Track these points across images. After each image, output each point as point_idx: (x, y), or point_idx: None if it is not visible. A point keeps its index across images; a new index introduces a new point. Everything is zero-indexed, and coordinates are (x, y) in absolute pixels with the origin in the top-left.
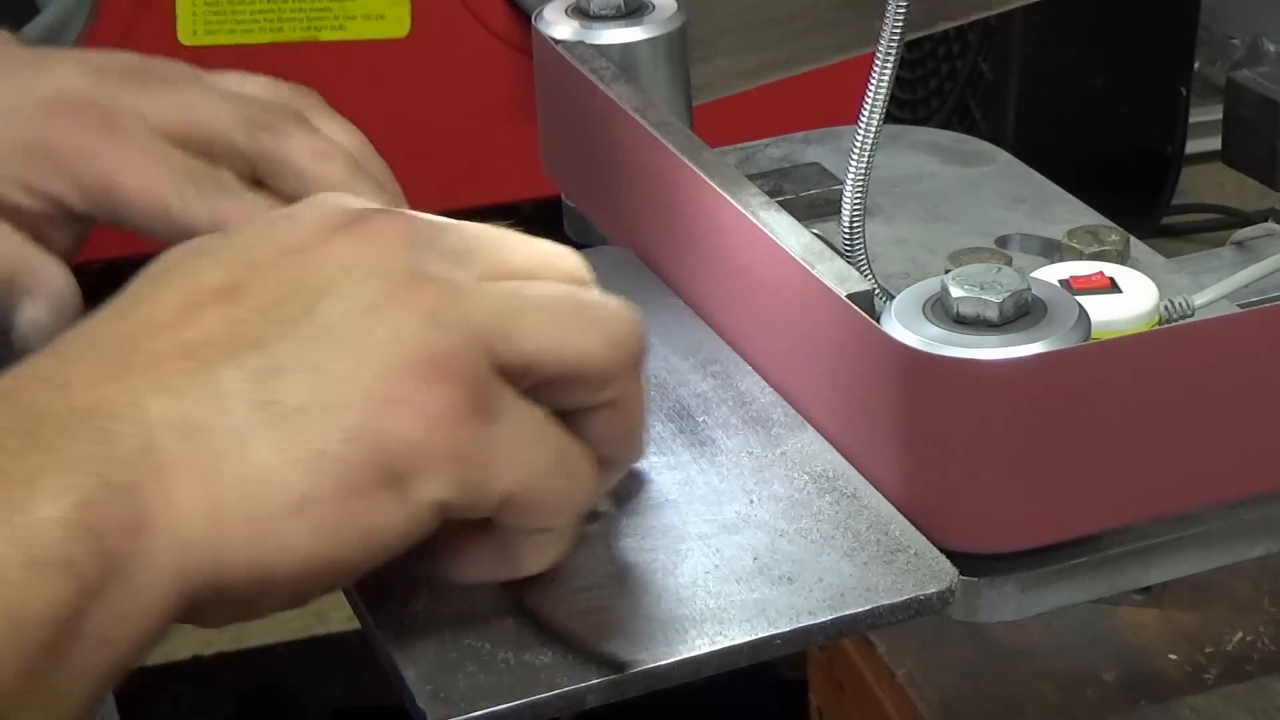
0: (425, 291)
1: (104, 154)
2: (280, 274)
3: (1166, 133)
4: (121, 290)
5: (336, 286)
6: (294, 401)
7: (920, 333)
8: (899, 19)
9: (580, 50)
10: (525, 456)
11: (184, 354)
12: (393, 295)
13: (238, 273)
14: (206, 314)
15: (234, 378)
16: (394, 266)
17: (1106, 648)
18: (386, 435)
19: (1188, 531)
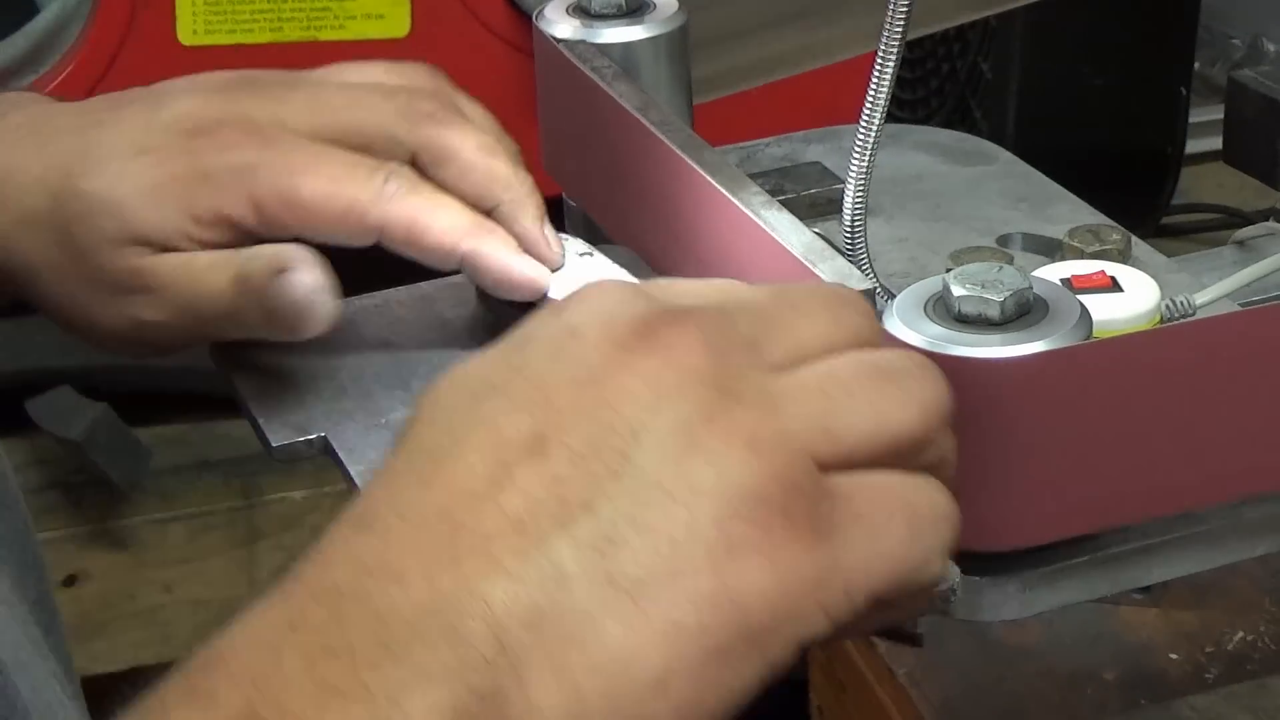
0: (738, 413)
1: (268, 165)
2: (585, 414)
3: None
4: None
5: (648, 424)
6: (636, 571)
7: (922, 332)
8: (900, 19)
9: (581, 49)
10: (878, 548)
11: (512, 529)
12: (707, 425)
13: (539, 417)
14: (520, 475)
15: (569, 552)
16: (700, 388)
17: (1107, 647)
18: (737, 592)
19: (1188, 531)
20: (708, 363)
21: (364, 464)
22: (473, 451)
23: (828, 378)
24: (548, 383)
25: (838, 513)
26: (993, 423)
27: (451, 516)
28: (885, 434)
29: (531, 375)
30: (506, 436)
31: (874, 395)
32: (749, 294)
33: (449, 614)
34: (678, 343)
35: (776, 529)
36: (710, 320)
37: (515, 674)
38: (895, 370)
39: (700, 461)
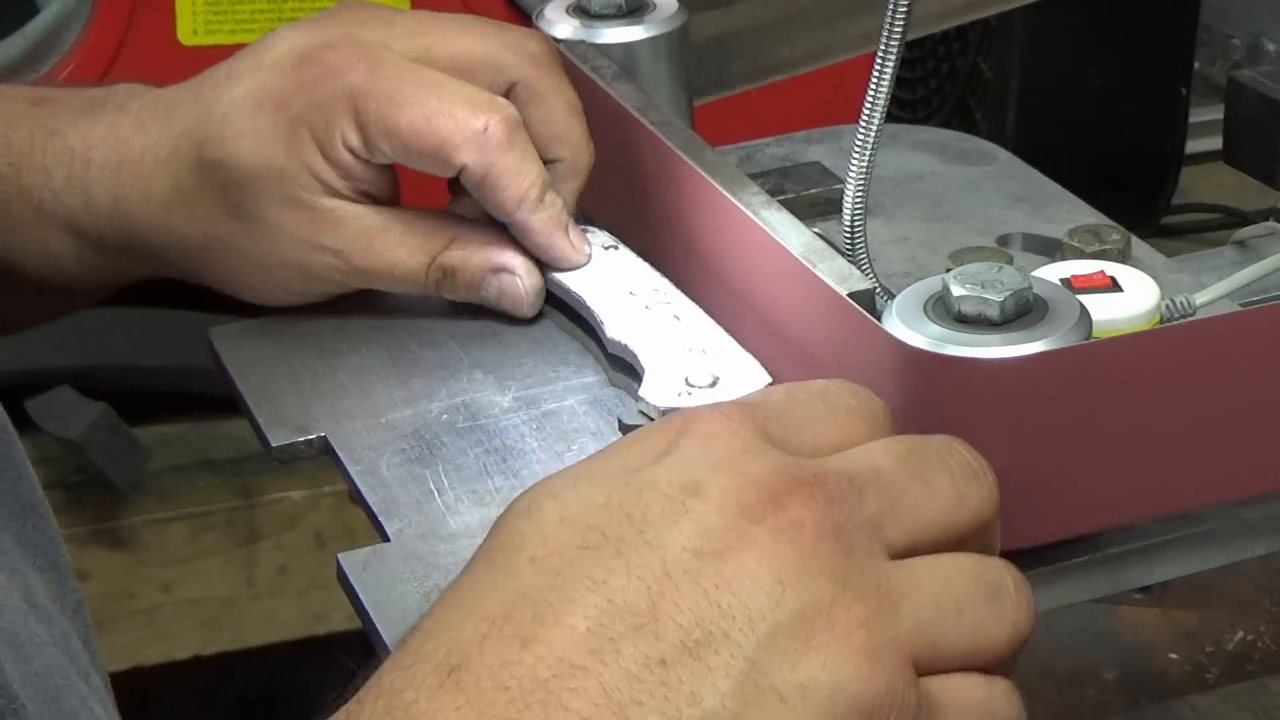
0: (857, 612)
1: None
2: (701, 593)
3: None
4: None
5: (766, 615)
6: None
7: (922, 331)
8: (900, 19)
9: (581, 49)
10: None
11: (613, 714)
12: (827, 624)
13: (651, 585)
14: (626, 651)
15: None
16: (821, 579)
17: (1107, 647)
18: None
19: (1188, 531)
20: (833, 548)
21: (363, 464)
22: (579, 614)
23: (941, 586)
24: (666, 547)
25: None
26: (992, 423)
27: (548, 690)
28: (976, 654)
29: (650, 536)
30: (617, 604)
31: (979, 615)
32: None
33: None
34: (807, 520)
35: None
36: (839, 494)
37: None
38: (1001, 589)
39: (815, 664)
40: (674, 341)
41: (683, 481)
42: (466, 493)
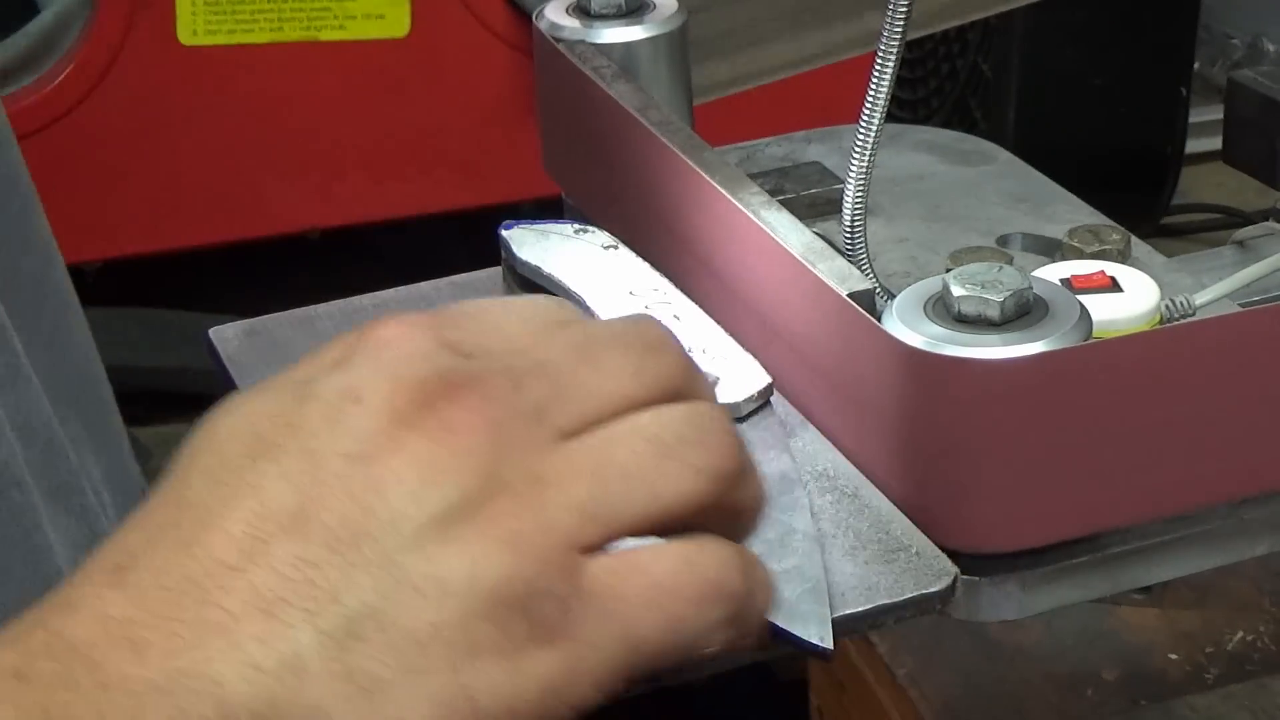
0: (502, 504)
1: None
2: (349, 497)
3: (1166, 133)
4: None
5: (409, 514)
6: (375, 668)
7: (921, 332)
8: (899, 19)
9: (581, 49)
10: (633, 641)
11: (261, 612)
12: (469, 518)
13: (305, 491)
14: (276, 552)
15: (311, 642)
16: (468, 476)
17: (1106, 647)
18: (475, 693)
19: (1188, 531)
20: (483, 444)
21: None
22: (234, 518)
23: (604, 457)
24: (320, 453)
25: (589, 612)
26: (992, 423)
27: (202, 589)
28: (660, 510)
29: (306, 440)
30: (270, 508)
31: (651, 474)
32: (549, 343)
33: (180, 695)
34: (457, 422)
35: (518, 632)
36: (496, 391)
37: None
38: (677, 439)
39: (452, 556)
40: None
41: (345, 388)
42: None
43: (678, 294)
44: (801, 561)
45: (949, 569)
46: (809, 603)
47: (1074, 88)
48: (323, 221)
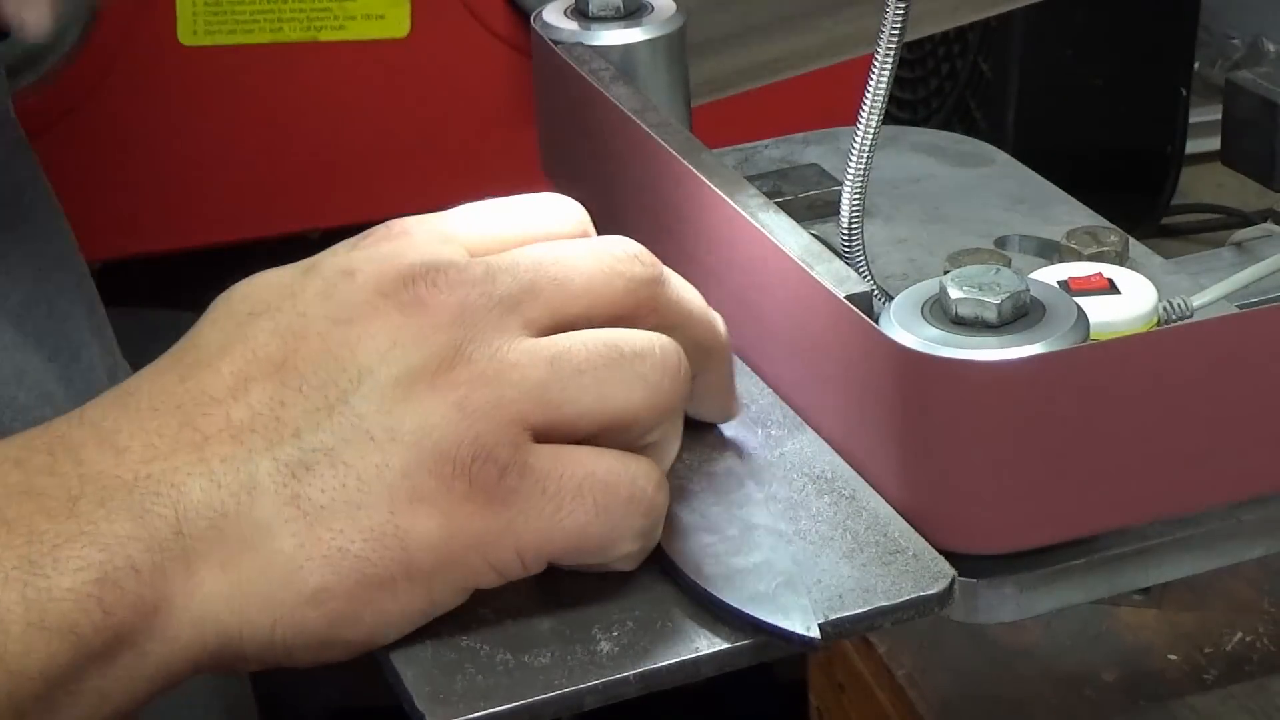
0: (460, 373)
1: None
2: (328, 352)
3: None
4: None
5: (375, 370)
6: (320, 499)
7: (919, 334)
8: (897, 20)
9: (579, 51)
10: (559, 522)
11: (230, 437)
12: (427, 380)
13: (289, 343)
14: (255, 391)
15: (268, 469)
16: (434, 346)
17: (1106, 648)
18: (408, 535)
19: (1188, 532)
20: (452, 322)
21: None
22: (227, 362)
23: (563, 352)
24: (310, 315)
25: (526, 484)
26: (990, 425)
27: (185, 413)
28: (605, 413)
29: (301, 307)
30: (258, 355)
31: (603, 374)
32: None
33: (144, 494)
34: (431, 302)
35: (458, 489)
36: (470, 278)
37: (185, 560)
38: (633, 352)
39: (408, 412)
40: None
41: (344, 267)
42: None
43: None
44: (770, 555)
45: (947, 571)
46: (787, 595)
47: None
48: (323, 222)
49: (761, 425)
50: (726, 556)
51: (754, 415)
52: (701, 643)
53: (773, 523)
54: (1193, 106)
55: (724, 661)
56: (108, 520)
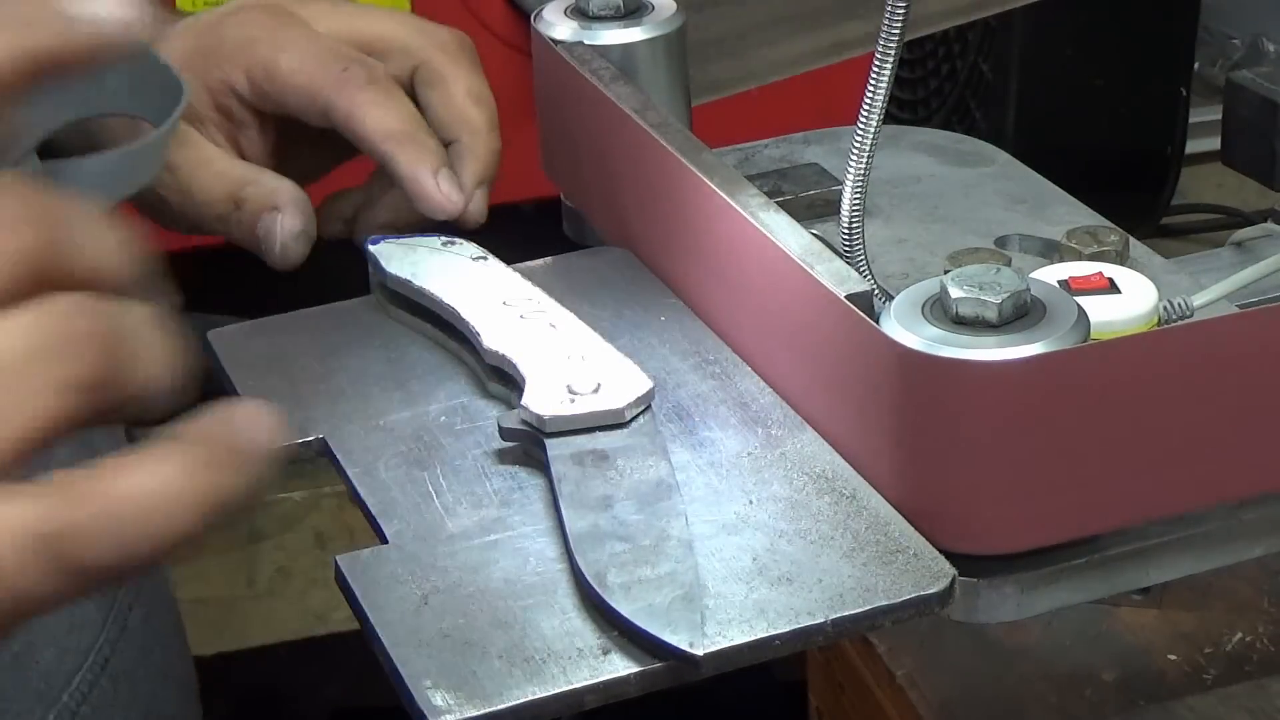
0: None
1: (268, 39)
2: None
3: (1166, 133)
4: None
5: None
6: None
7: (919, 333)
8: (897, 20)
9: (579, 51)
10: None
11: None
12: None
13: None
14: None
15: None
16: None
17: (1106, 648)
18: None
19: (1188, 532)
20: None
21: (361, 466)
22: None
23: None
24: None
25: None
26: (990, 425)
27: None
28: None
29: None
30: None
31: None
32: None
33: None
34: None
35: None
36: None
37: None
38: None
39: None
40: (552, 349)
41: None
42: (465, 495)
43: (552, 303)
44: (675, 567)
45: (947, 570)
46: (680, 609)
47: (1074, 88)
48: None
49: (761, 425)
50: (633, 566)
51: (754, 415)
52: (701, 642)
53: (686, 534)
54: (1193, 106)
55: (724, 661)
56: None
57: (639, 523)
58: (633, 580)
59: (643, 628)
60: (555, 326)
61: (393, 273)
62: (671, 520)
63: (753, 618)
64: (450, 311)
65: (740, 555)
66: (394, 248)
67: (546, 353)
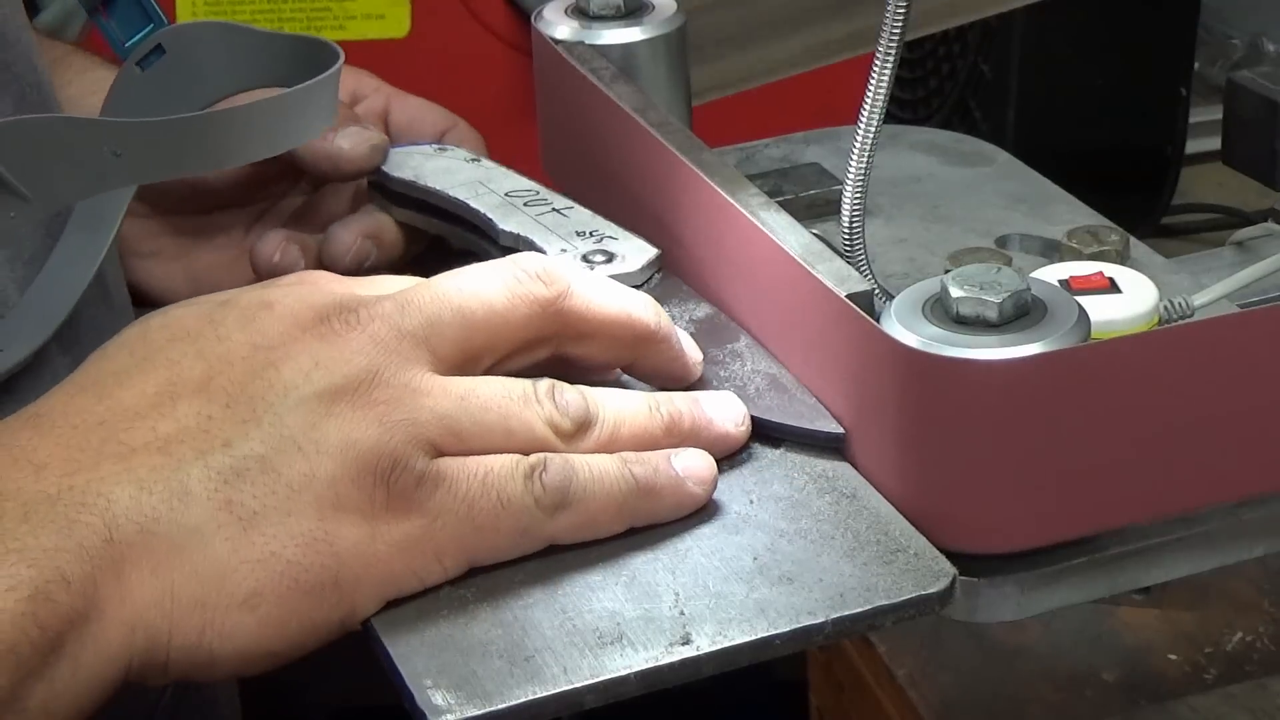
0: (378, 394)
1: None
2: (252, 371)
3: (1166, 133)
4: (102, 353)
5: (300, 387)
6: (253, 504)
7: (920, 333)
8: (898, 20)
9: (580, 50)
10: (474, 523)
11: (157, 449)
12: (349, 398)
13: (213, 365)
14: (181, 406)
15: (199, 475)
16: (353, 369)
17: (1106, 648)
18: (335, 540)
19: (1188, 531)
20: (367, 349)
21: None
22: (149, 380)
23: (472, 389)
24: (233, 341)
25: (440, 491)
26: (990, 424)
27: (108, 428)
28: (510, 443)
29: (222, 333)
30: (181, 376)
31: (506, 411)
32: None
33: (69, 505)
34: (345, 334)
35: (379, 497)
36: (381, 313)
37: (115, 568)
38: (526, 395)
39: (332, 425)
40: (562, 229)
41: (261, 300)
42: None
43: (551, 193)
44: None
45: (947, 570)
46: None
47: (1074, 88)
48: None
49: None
50: None
51: None
52: (702, 642)
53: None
54: (1193, 106)
55: (724, 660)
56: (33, 535)
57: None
58: None
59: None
60: (560, 212)
61: (396, 175)
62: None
63: (753, 617)
64: (459, 205)
65: (741, 555)
66: (393, 153)
67: (558, 232)
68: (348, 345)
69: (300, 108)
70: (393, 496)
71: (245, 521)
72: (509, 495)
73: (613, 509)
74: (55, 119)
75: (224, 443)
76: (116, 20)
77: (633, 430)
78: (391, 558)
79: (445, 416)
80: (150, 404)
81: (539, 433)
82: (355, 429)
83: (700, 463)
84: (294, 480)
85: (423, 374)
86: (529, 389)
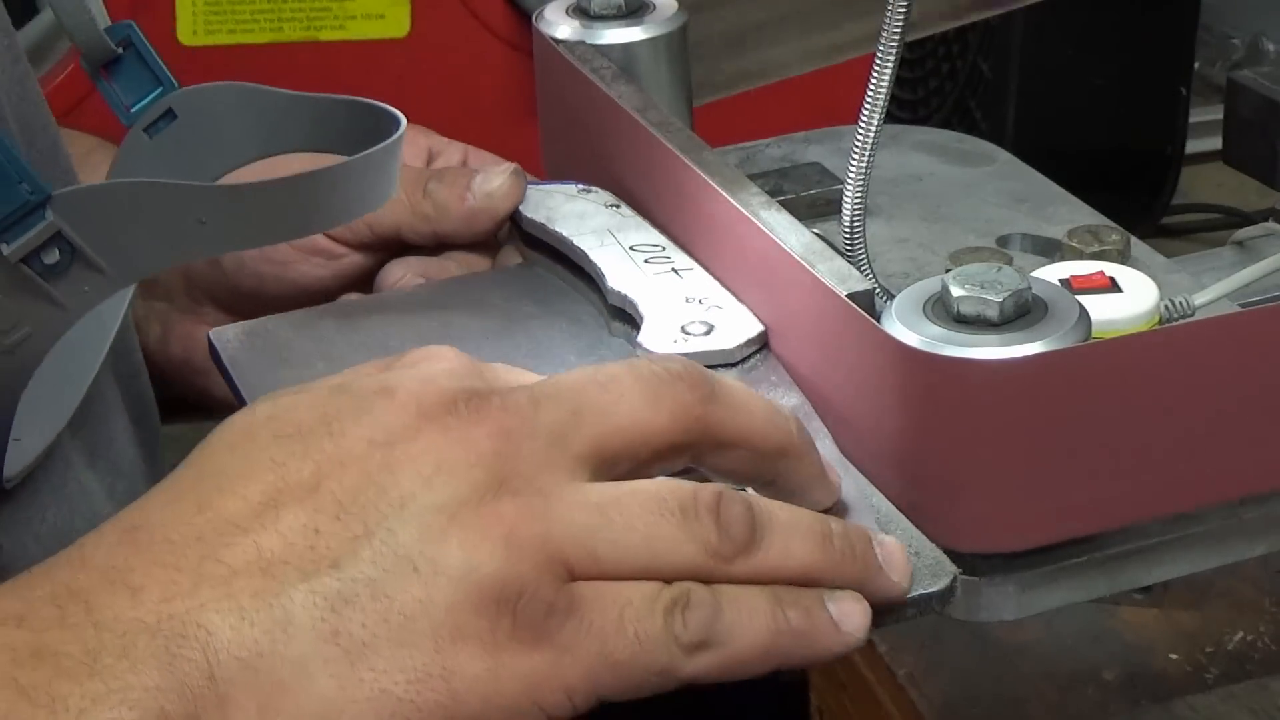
0: (506, 506)
1: None
2: (364, 475)
3: (1166, 133)
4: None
5: (418, 496)
6: (361, 634)
7: (921, 332)
8: (898, 20)
9: (581, 50)
10: (606, 657)
11: (259, 570)
12: (473, 511)
13: (324, 467)
14: (285, 517)
15: (305, 602)
16: (479, 473)
17: (1107, 647)
18: (452, 676)
19: (1188, 531)
20: (497, 448)
21: None
22: (253, 485)
23: (613, 500)
24: (345, 436)
25: (571, 622)
26: (991, 423)
27: (207, 545)
28: (654, 567)
29: (336, 428)
30: (288, 480)
31: (653, 531)
32: (568, 375)
33: (168, 637)
34: (475, 425)
35: (504, 627)
36: (514, 405)
37: (218, 705)
38: (685, 509)
39: (453, 544)
40: (672, 293)
41: (380, 386)
42: None
43: (677, 250)
44: None
45: (948, 569)
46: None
47: (1074, 88)
48: None
49: None
50: None
51: None
52: None
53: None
54: (1193, 106)
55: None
56: (134, 672)
57: None
58: None
59: None
60: (678, 273)
61: (529, 216)
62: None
63: None
64: (579, 254)
65: None
66: (532, 193)
67: (666, 296)
68: (476, 444)
69: (375, 172)
70: (519, 626)
71: (353, 655)
72: (646, 632)
73: (759, 651)
74: (139, 184)
75: (331, 563)
76: (120, 83)
77: (801, 563)
78: (516, 693)
79: (582, 534)
80: (253, 514)
81: (687, 557)
82: (479, 549)
83: (857, 610)
84: (407, 607)
85: (557, 479)
86: (689, 502)
